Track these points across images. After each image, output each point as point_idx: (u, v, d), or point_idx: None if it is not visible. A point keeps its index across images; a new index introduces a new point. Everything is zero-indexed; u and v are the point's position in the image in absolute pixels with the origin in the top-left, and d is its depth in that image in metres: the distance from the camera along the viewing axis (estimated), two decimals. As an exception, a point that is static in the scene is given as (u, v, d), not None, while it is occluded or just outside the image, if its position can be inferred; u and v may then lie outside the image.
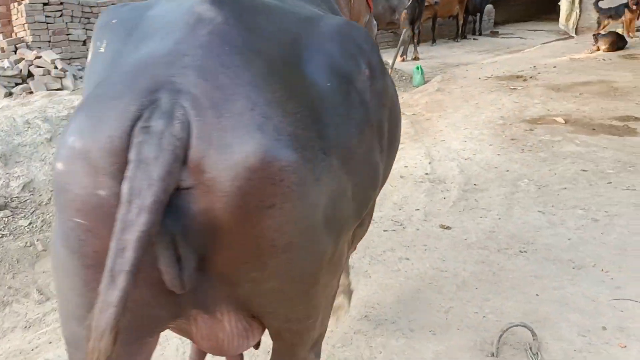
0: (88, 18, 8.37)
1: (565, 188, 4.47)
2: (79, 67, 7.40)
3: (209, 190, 1.06)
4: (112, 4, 6.03)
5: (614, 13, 11.34)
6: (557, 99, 7.16)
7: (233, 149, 1.05)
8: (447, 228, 3.93)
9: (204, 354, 2.15)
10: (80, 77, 6.84)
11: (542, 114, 6.61)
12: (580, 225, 3.83)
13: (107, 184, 1.06)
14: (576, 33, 13.07)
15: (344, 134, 1.31)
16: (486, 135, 5.93)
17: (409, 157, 5.42)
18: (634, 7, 11.03)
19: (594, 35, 10.55)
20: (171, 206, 1.04)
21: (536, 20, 16.61)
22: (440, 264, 3.45)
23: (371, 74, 1.46)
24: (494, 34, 14.67)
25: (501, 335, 2.62)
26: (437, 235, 3.84)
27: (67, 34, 8.20)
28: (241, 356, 2.00)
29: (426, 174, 5.01)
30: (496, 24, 15.57)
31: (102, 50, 1.36)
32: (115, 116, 1.07)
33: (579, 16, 13.32)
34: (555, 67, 9.24)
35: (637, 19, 11.51)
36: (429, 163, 5.27)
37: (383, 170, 1.61)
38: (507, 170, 4.95)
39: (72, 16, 8.22)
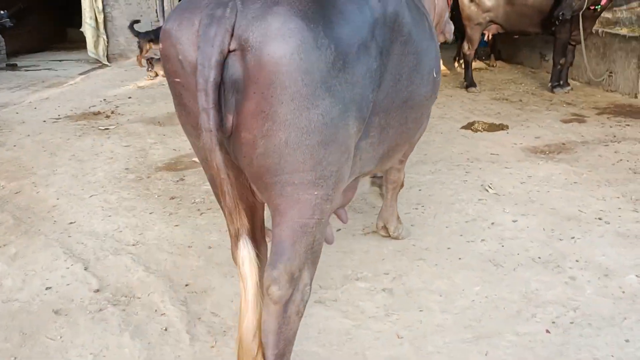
0: None
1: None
2: None
3: (244, 48, 1.61)
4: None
5: (154, 37, 10.69)
6: (170, 135, 5.84)
7: (260, 18, 1.60)
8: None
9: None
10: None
11: (173, 155, 5.18)
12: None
13: (187, 51, 1.68)
14: (108, 60, 11.98)
15: (344, 32, 1.73)
16: (134, 200, 4.11)
17: (43, 269, 3.15)
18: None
19: (148, 60, 9.61)
20: (225, 63, 1.62)
21: (51, 50, 14.55)
22: None
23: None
24: (13, 67, 11.96)
25: None
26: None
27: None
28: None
29: (100, 289, 2.93)
30: (9, 55, 12.78)
31: None
32: (194, 9, 1.69)
33: (107, 42, 12.29)
34: (130, 97, 7.85)
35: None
36: (87, 270, 3.15)
37: (393, 82, 2.06)
38: (211, 247, 3.38)
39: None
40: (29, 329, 2.58)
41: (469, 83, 8.02)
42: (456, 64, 9.66)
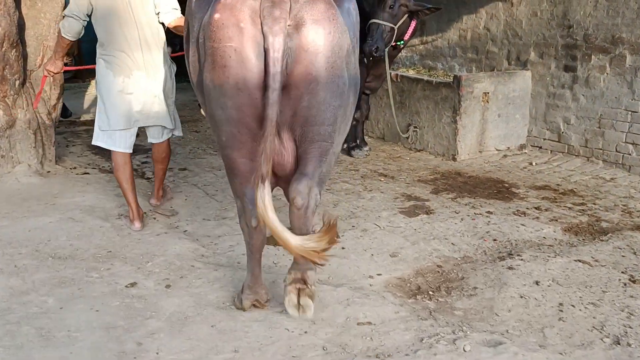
0: None
1: None
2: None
3: (299, 24, 2.23)
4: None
5: None
6: None
7: (311, 3, 2.26)
8: None
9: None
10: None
11: None
12: None
13: (247, 21, 2.22)
14: None
15: (353, 23, 2.56)
16: None
17: None
18: None
19: None
20: None
21: None
22: None
23: (355, 12, 2.69)
24: None
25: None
26: None
27: None
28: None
29: None
30: None
31: None
32: None
33: None
34: None
35: None
36: None
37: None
38: None
39: None
40: None
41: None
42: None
